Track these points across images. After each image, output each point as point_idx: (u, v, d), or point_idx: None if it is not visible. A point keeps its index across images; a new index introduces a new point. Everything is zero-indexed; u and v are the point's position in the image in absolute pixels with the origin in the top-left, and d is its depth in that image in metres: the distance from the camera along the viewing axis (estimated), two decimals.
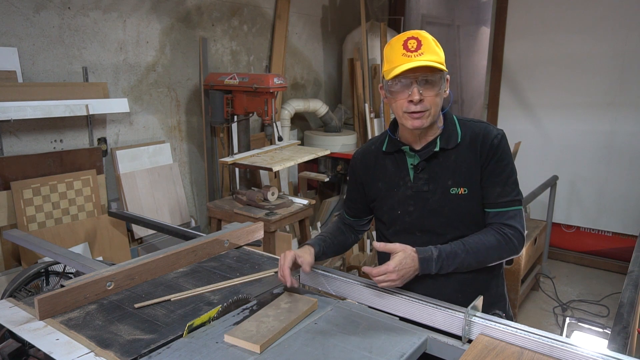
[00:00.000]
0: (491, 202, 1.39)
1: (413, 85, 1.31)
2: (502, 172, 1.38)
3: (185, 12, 3.43)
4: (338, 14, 4.98)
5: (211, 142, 3.64)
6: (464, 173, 1.39)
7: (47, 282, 2.11)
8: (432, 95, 1.32)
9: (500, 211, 1.39)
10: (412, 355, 1.16)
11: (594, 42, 4.07)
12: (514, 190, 1.40)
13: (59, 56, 2.77)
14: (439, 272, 1.34)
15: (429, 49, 1.31)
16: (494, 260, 1.39)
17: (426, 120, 1.34)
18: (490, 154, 1.38)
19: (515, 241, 1.37)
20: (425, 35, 1.33)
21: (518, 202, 1.40)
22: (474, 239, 1.37)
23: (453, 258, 1.34)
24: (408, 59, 1.30)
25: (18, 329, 1.23)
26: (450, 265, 1.34)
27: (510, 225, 1.38)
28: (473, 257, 1.35)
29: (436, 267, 1.33)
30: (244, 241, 1.89)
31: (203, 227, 3.75)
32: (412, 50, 1.30)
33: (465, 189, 1.39)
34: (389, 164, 1.48)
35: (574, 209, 4.43)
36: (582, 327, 2.68)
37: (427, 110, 1.33)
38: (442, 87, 1.34)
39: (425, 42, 1.31)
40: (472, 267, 1.37)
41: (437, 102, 1.35)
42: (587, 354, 1.06)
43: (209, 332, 1.24)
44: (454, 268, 1.35)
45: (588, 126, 4.22)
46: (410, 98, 1.31)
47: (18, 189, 2.57)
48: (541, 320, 3.49)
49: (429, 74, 1.31)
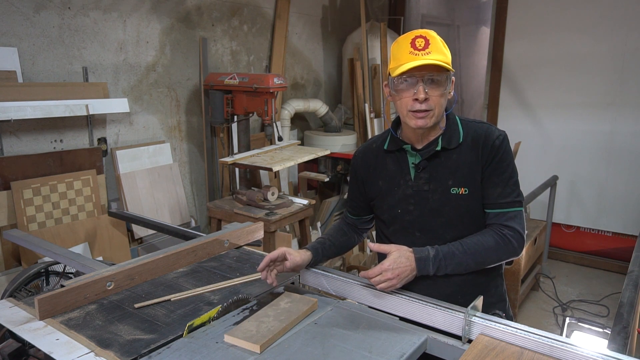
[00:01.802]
0: (491, 202, 1.39)
1: (419, 84, 1.31)
2: (503, 172, 1.38)
3: (185, 12, 3.43)
4: (338, 14, 4.98)
5: (211, 142, 3.64)
6: (465, 173, 1.38)
7: (47, 282, 2.11)
8: (437, 95, 1.33)
9: (500, 212, 1.38)
10: (412, 355, 1.16)
11: (594, 42, 4.07)
12: (515, 191, 1.39)
13: (59, 56, 2.77)
14: (436, 272, 1.34)
15: (437, 49, 1.31)
16: (492, 261, 1.39)
17: (430, 120, 1.34)
18: (491, 154, 1.37)
19: (515, 242, 1.36)
20: (433, 34, 1.33)
21: (518, 203, 1.39)
22: (472, 239, 1.36)
23: (451, 258, 1.34)
24: (415, 57, 1.29)
25: (18, 329, 1.23)
26: (448, 265, 1.34)
27: (509, 227, 1.36)
28: (471, 258, 1.34)
29: (433, 268, 1.33)
30: (244, 241, 1.89)
31: (203, 227, 3.75)
32: (419, 49, 1.30)
33: (465, 189, 1.38)
34: (390, 163, 1.48)
35: (574, 209, 4.43)
36: (582, 327, 2.68)
37: (431, 109, 1.33)
38: (447, 88, 1.34)
39: (433, 41, 1.31)
40: (471, 268, 1.37)
41: (442, 103, 1.35)
42: (587, 354, 1.06)
43: (209, 332, 1.24)
44: (452, 269, 1.34)
45: (588, 126, 4.22)
46: (415, 96, 1.31)
47: (18, 189, 2.57)
48: (541, 320, 3.49)
49: (435, 73, 1.31)
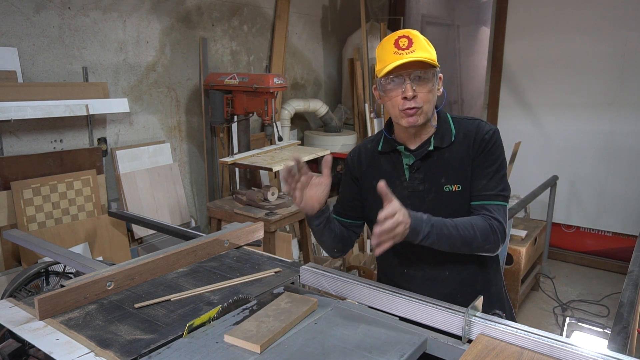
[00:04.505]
0: (475, 194, 1.38)
1: (406, 82, 1.32)
2: (489, 165, 1.37)
3: (185, 12, 3.43)
4: (338, 14, 4.98)
5: (211, 142, 3.64)
6: (457, 170, 1.39)
7: (47, 282, 2.11)
8: (424, 91, 1.33)
9: (482, 204, 1.37)
10: (412, 355, 1.16)
11: (594, 42, 4.07)
12: (499, 185, 1.38)
13: (59, 56, 2.77)
14: (423, 239, 1.27)
15: (420, 47, 1.31)
16: (477, 246, 1.34)
17: (420, 117, 1.35)
18: (480, 147, 1.38)
19: (499, 234, 1.34)
20: (416, 34, 1.34)
21: (502, 197, 1.38)
22: (464, 219, 1.34)
23: (441, 228, 1.28)
24: (400, 57, 1.30)
25: (18, 329, 1.23)
26: (438, 235, 1.28)
27: (495, 218, 1.35)
28: (460, 236, 1.30)
29: (424, 230, 1.26)
30: (244, 241, 1.89)
31: (203, 227, 3.75)
32: (403, 48, 1.31)
33: (459, 186, 1.38)
34: (385, 164, 1.49)
35: (574, 209, 4.43)
36: (582, 327, 2.68)
37: (420, 106, 1.33)
38: (434, 84, 1.35)
39: (417, 40, 1.32)
40: (456, 246, 1.31)
41: (430, 99, 1.35)
42: (587, 354, 1.05)
43: (209, 332, 1.24)
44: (439, 240, 1.29)
45: (588, 126, 4.22)
46: (404, 94, 1.32)
47: (18, 189, 2.57)
48: (541, 320, 3.49)
49: (421, 70, 1.31)
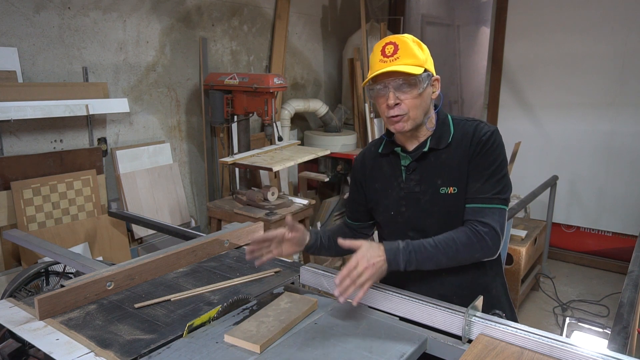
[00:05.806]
0: (469, 197, 1.35)
1: (389, 90, 1.32)
2: (486, 167, 1.34)
3: (185, 12, 3.43)
4: (338, 14, 4.98)
5: (211, 142, 3.64)
6: (454, 172, 1.37)
7: (47, 282, 2.11)
8: (409, 98, 1.32)
9: (477, 207, 1.33)
10: (412, 355, 1.16)
11: (594, 42, 4.07)
12: (497, 187, 1.33)
13: (59, 56, 2.77)
14: (406, 266, 1.27)
15: (406, 53, 1.30)
16: (465, 258, 1.33)
17: (406, 124, 1.34)
18: (477, 149, 1.35)
19: (489, 240, 1.30)
20: (404, 39, 1.32)
21: (498, 200, 1.33)
22: (445, 235, 1.32)
23: (421, 252, 1.27)
24: (384, 65, 1.30)
25: (18, 329, 1.23)
26: (419, 259, 1.27)
27: (484, 223, 1.30)
28: (442, 253, 1.28)
29: (403, 259, 1.26)
30: (244, 241, 1.89)
31: (203, 227, 3.75)
32: (388, 56, 1.31)
33: (454, 188, 1.36)
34: (385, 166, 1.49)
35: (574, 209, 4.43)
36: (582, 327, 2.68)
37: (405, 113, 1.33)
38: (421, 89, 1.32)
39: (403, 46, 1.31)
40: (442, 264, 1.31)
41: (418, 104, 1.33)
42: (587, 354, 1.06)
43: (209, 332, 1.24)
44: (423, 263, 1.28)
45: (588, 126, 4.22)
46: (386, 102, 1.33)
47: (18, 189, 2.57)
48: (541, 320, 3.49)
49: (401, 78, 1.30)
